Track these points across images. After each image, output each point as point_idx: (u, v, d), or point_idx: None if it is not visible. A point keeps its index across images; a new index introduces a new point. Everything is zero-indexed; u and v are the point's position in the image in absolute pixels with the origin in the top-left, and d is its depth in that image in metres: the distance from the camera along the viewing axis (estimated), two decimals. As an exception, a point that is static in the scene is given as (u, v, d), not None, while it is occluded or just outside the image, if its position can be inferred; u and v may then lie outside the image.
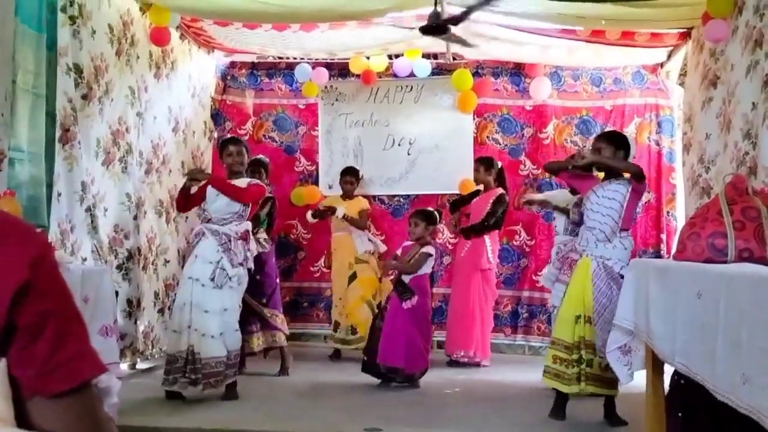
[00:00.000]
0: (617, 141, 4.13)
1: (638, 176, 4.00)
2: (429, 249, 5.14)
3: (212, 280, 4.41)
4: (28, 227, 0.62)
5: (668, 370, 3.07)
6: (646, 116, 6.52)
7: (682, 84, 5.70)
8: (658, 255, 6.25)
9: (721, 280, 2.06)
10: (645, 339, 3.01)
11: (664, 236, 6.33)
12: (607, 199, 4.01)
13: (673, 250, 2.78)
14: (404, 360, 4.97)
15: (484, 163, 6.09)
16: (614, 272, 3.94)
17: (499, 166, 6.12)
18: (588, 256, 4.04)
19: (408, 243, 5.28)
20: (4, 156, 3.53)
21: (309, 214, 6.29)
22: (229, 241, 4.48)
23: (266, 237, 5.46)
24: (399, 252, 5.32)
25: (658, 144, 6.48)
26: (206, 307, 4.39)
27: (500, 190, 6.00)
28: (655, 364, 3.08)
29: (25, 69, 3.88)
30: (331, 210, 6.14)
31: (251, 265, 4.75)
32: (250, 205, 4.69)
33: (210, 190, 4.61)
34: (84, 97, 4.49)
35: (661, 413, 3.04)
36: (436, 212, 5.37)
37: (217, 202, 4.57)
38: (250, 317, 5.18)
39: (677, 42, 5.71)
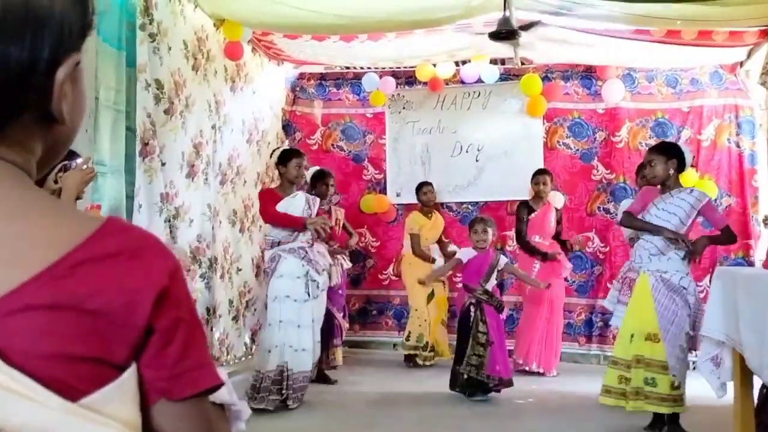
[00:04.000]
0: (668, 151, 3.97)
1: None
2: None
3: (307, 293, 4.52)
4: (162, 242, 0.68)
5: (758, 382, 2.94)
6: (726, 117, 6.25)
7: (764, 84, 5.46)
8: (741, 262, 5.98)
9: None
10: (739, 350, 2.88)
11: (752, 242, 6.00)
12: (666, 213, 3.89)
13: (762, 257, 2.66)
14: (510, 368, 5.03)
15: (550, 174, 6.01)
16: (674, 284, 3.81)
17: None
18: (645, 272, 3.92)
19: (474, 255, 4.97)
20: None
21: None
22: (307, 252, 4.57)
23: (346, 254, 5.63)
24: (468, 267, 4.99)
25: (738, 146, 6.20)
26: (299, 323, 4.50)
27: (553, 203, 6.01)
28: (743, 376, 2.95)
29: (106, 86, 4.03)
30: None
31: (329, 261, 4.86)
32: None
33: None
34: (166, 111, 4.66)
35: (751, 427, 2.91)
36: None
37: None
38: (334, 331, 5.34)
39: (757, 40, 5.48)
